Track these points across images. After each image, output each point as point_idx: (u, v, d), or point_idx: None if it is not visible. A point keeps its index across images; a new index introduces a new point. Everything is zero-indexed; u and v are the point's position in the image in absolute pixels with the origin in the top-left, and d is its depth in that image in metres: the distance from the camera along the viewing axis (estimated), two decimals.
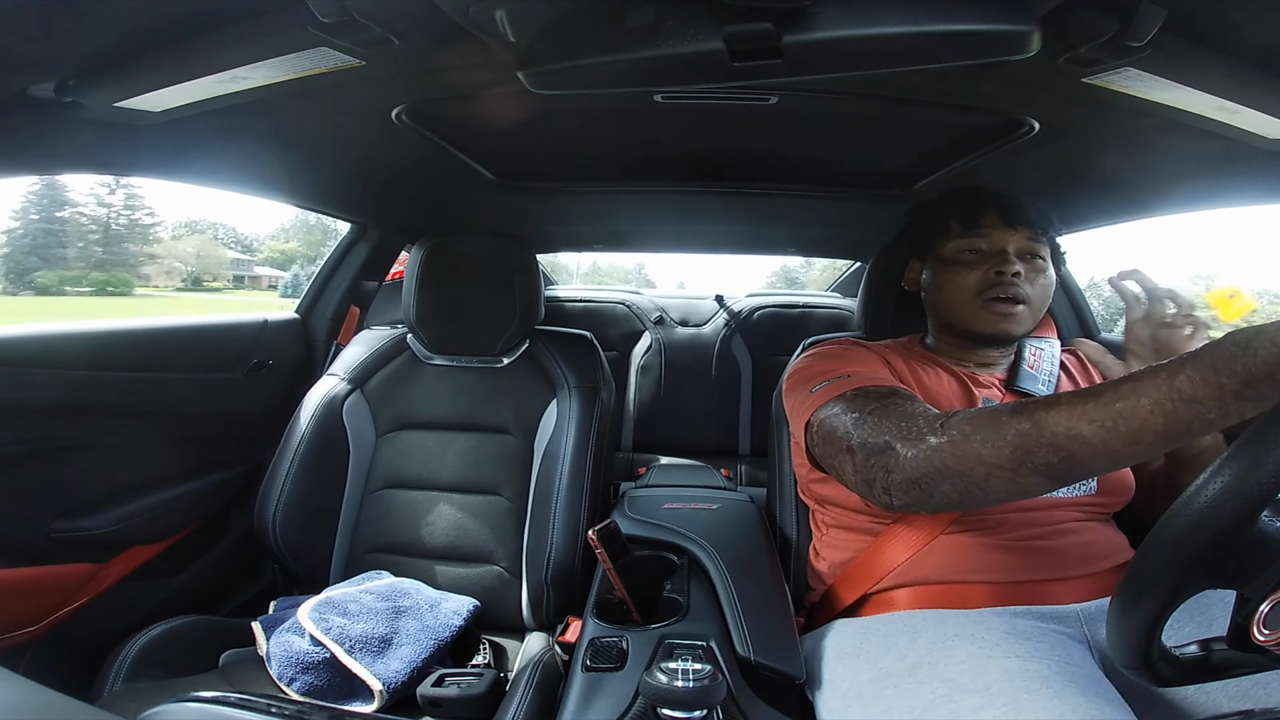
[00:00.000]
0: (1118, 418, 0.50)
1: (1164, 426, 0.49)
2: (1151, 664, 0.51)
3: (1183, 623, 0.68)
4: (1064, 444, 0.52)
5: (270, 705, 0.36)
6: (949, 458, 0.58)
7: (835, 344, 0.94)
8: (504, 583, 1.12)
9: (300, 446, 1.15)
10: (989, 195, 0.89)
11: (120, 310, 6.82)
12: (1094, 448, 0.51)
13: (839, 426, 0.71)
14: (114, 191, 14.89)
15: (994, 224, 0.86)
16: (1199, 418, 0.47)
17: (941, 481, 0.59)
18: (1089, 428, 0.51)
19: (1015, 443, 0.54)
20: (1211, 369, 0.46)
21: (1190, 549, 0.44)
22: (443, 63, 0.73)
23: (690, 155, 1.22)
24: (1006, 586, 0.76)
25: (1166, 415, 0.48)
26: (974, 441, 0.57)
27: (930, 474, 0.60)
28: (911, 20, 0.53)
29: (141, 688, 0.83)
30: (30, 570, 0.96)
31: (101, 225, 14.80)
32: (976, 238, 0.87)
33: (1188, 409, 0.47)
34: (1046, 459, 0.53)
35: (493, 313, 1.21)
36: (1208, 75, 0.63)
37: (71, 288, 14.44)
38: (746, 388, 2.16)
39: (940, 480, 0.59)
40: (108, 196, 15.26)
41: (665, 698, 0.54)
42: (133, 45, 0.67)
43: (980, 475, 0.57)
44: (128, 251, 15.34)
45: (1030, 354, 0.91)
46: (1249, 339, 0.45)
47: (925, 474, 0.60)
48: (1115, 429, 0.50)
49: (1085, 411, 0.51)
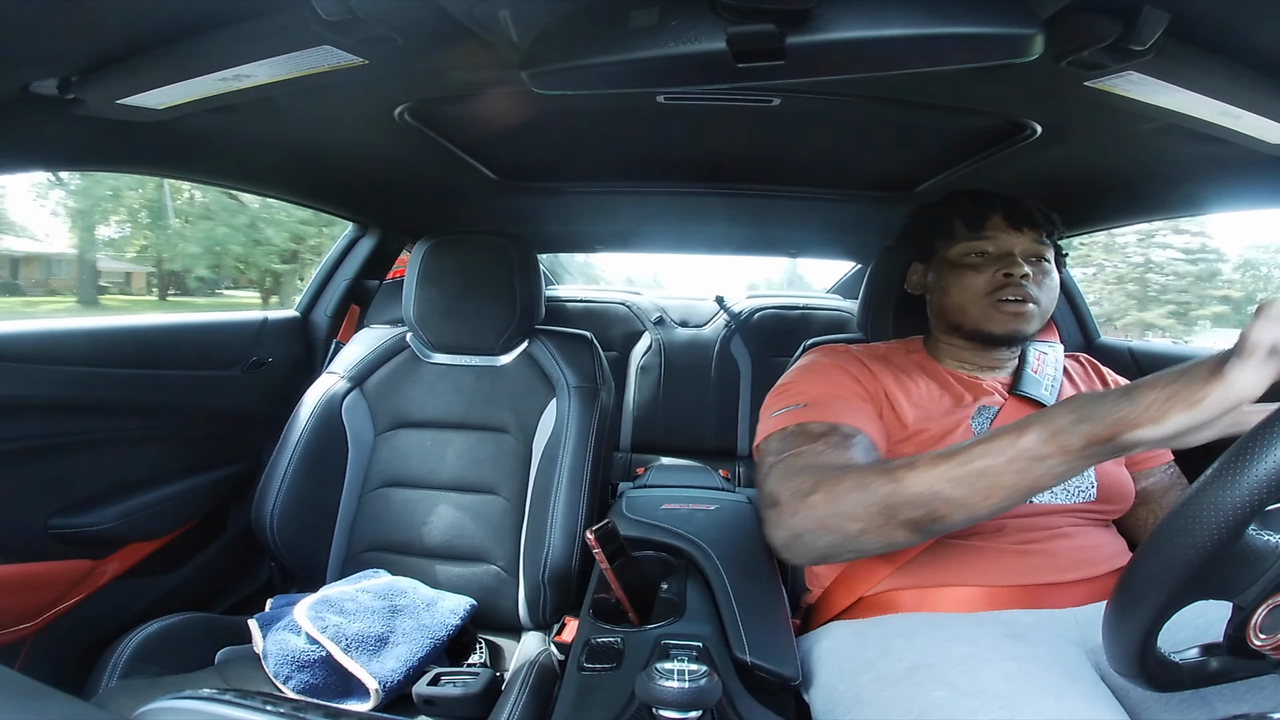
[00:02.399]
0: (974, 476, 0.54)
1: (1015, 483, 0.53)
2: (1148, 671, 0.51)
3: (1180, 626, 0.67)
4: (926, 502, 0.56)
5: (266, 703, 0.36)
6: (824, 517, 0.62)
7: (828, 351, 0.93)
8: (501, 582, 1.12)
9: (299, 444, 1.15)
10: (994, 198, 0.89)
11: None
12: (954, 503, 0.55)
13: (763, 464, 0.75)
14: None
15: (1000, 226, 0.86)
16: (1048, 472, 0.51)
17: (817, 539, 0.64)
18: (947, 486, 0.55)
19: (882, 501, 0.58)
20: (1051, 433, 0.51)
21: (1179, 565, 0.45)
22: (446, 62, 0.73)
23: (693, 156, 1.22)
24: (1003, 590, 0.76)
25: (1017, 473, 0.52)
26: (845, 502, 0.61)
27: (805, 532, 0.64)
28: (914, 23, 0.53)
29: (137, 685, 0.83)
30: (27, 566, 0.96)
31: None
32: (983, 240, 0.87)
33: (1036, 466, 0.52)
34: (911, 515, 0.57)
35: (493, 312, 1.21)
36: (1211, 79, 0.63)
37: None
38: (746, 389, 2.16)
39: (815, 538, 0.64)
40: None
41: (661, 698, 0.54)
42: (136, 43, 0.67)
43: (853, 532, 0.61)
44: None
45: (1034, 358, 0.91)
46: (1088, 406, 0.49)
47: (802, 531, 0.65)
48: (973, 486, 0.54)
49: (945, 472, 0.56)
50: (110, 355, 1.09)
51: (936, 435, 0.81)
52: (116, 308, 9.65)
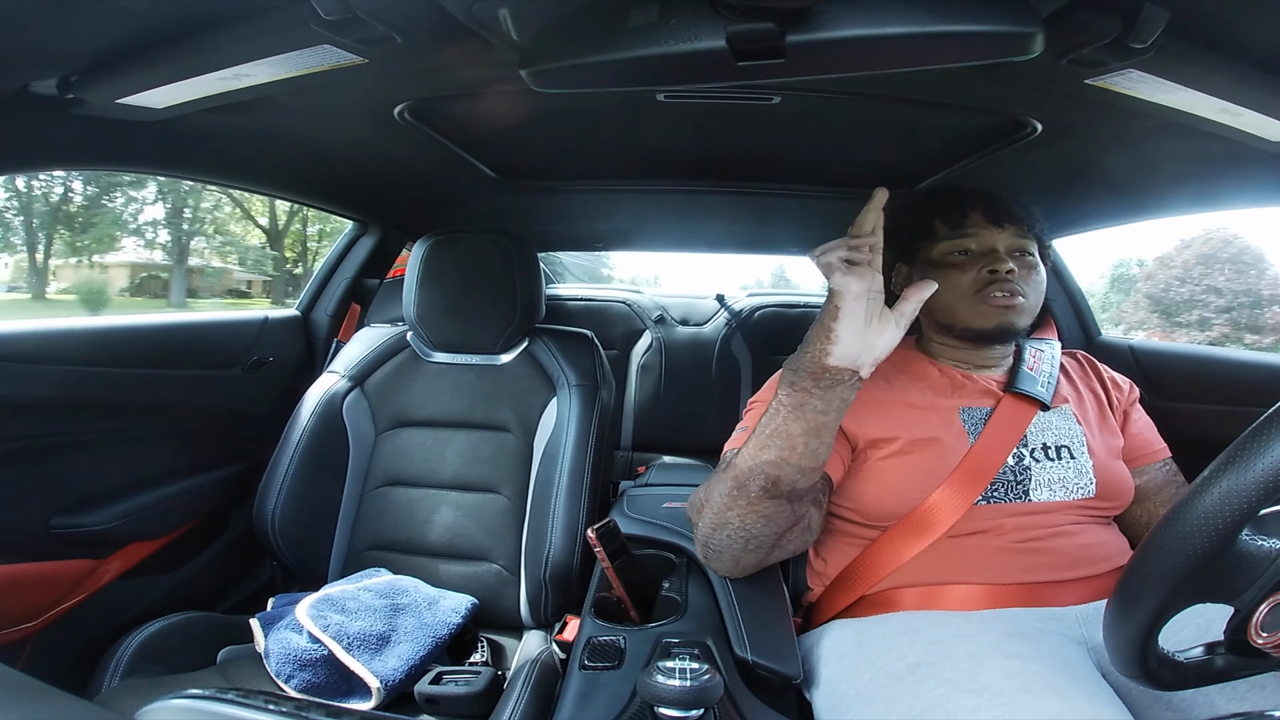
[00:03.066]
0: (774, 436, 0.67)
1: (803, 429, 0.66)
2: (1150, 671, 0.51)
3: (1181, 625, 0.68)
4: (759, 468, 0.68)
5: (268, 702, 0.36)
6: (711, 517, 0.74)
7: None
8: (502, 581, 1.12)
9: (300, 444, 1.15)
10: (971, 195, 0.89)
11: None
12: (775, 464, 0.67)
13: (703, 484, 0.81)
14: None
15: (980, 223, 0.86)
16: (816, 412, 0.65)
17: (718, 538, 0.75)
18: (764, 453, 0.67)
19: (733, 484, 0.70)
20: (789, 384, 0.66)
21: (1172, 572, 0.45)
22: (445, 61, 0.73)
23: (693, 154, 1.22)
24: (1004, 588, 0.76)
25: (796, 420, 0.66)
26: (715, 500, 0.73)
27: (708, 537, 0.76)
28: (915, 21, 0.53)
29: (139, 684, 0.83)
30: (29, 566, 0.96)
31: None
32: (965, 238, 0.86)
33: (801, 410, 0.65)
34: (758, 484, 0.69)
35: (493, 311, 1.21)
36: (1211, 77, 0.63)
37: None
38: (747, 387, 2.16)
39: (717, 538, 0.75)
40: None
41: (662, 697, 0.54)
42: (135, 42, 0.67)
43: (735, 518, 0.72)
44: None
45: (1030, 355, 0.91)
46: (796, 360, 0.66)
47: (706, 538, 0.77)
48: (778, 445, 0.67)
49: (754, 443, 0.68)
50: (111, 355, 1.09)
51: (926, 430, 0.81)
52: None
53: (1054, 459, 0.81)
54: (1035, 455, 0.81)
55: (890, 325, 0.64)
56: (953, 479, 0.79)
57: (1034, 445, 0.82)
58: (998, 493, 0.79)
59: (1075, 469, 0.81)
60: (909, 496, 0.80)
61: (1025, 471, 0.80)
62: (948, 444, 0.81)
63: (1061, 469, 0.81)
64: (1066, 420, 0.85)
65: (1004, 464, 0.80)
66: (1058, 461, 0.81)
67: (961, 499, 0.78)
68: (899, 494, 0.80)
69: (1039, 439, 0.83)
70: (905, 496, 0.80)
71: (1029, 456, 0.81)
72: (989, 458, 0.80)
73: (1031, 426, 0.83)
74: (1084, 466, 0.82)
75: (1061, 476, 0.80)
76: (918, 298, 0.65)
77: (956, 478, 0.79)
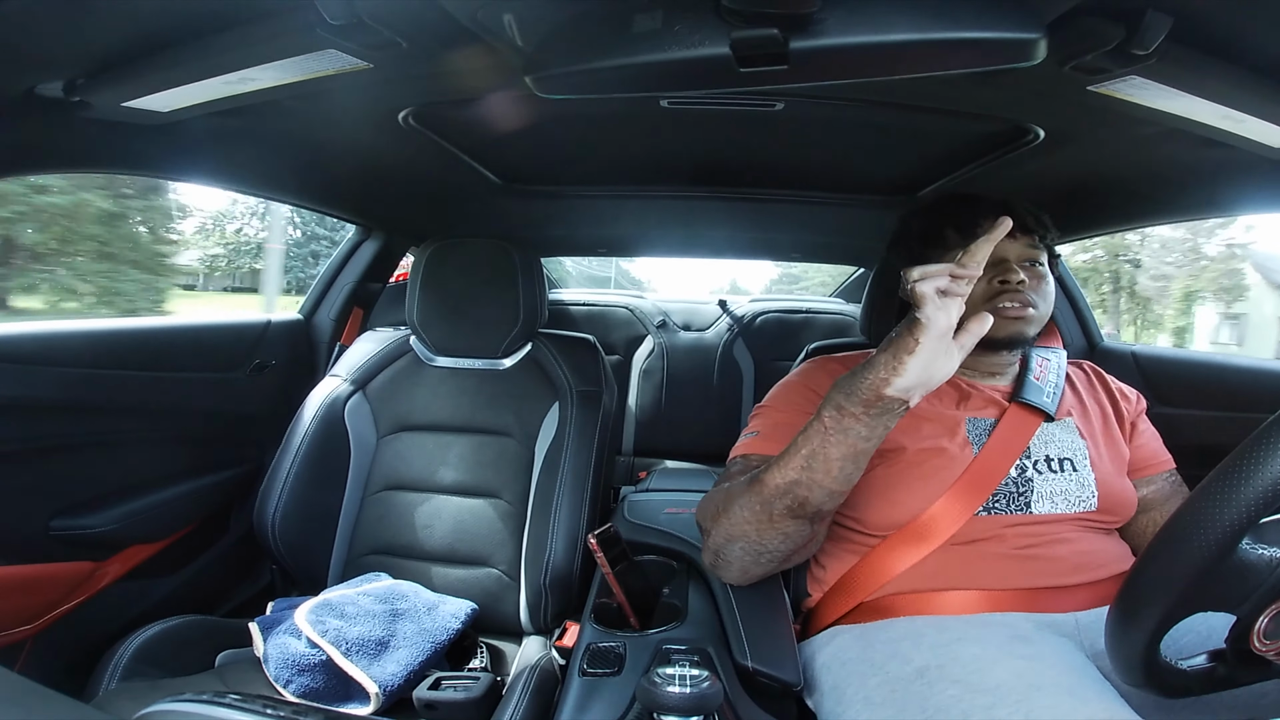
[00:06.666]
0: (810, 458, 0.65)
1: (841, 454, 0.64)
2: (1153, 679, 0.51)
3: (1184, 633, 0.67)
4: (788, 489, 0.67)
5: (266, 707, 0.36)
6: (728, 529, 0.73)
7: (816, 365, 0.93)
8: (502, 586, 1.12)
9: (301, 447, 1.15)
10: (985, 203, 0.88)
11: None
12: (806, 485, 0.66)
13: (714, 489, 0.81)
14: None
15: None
16: (859, 438, 0.63)
17: (731, 550, 0.74)
18: (796, 474, 0.66)
19: (758, 501, 0.69)
20: (837, 409, 0.63)
21: (1174, 582, 0.45)
22: (450, 66, 0.73)
23: (696, 160, 1.22)
24: (1003, 594, 0.75)
25: (834, 445, 0.64)
26: (735, 512, 0.72)
27: (721, 547, 0.75)
28: (918, 27, 0.53)
29: (137, 687, 0.83)
30: (28, 568, 0.96)
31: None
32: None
33: (843, 435, 0.63)
34: (784, 504, 0.68)
35: (496, 316, 1.21)
36: (1214, 84, 0.63)
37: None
38: (749, 393, 2.16)
39: (729, 549, 0.74)
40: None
41: (662, 703, 0.54)
42: (141, 45, 0.68)
43: (753, 533, 0.71)
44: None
45: (1037, 365, 0.90)
46: (851, 383, 0.62)
47: (719, 547, 0.75)
48: (811, 467, 0.65)
49: (789, 463, 0.67)
50: (113, 357, 1.09)
51: (931, 440, 0.81)
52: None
53: (1056, 471, 0.81)
54: (1038, 467, 0.81)
55: (953, 357, 0.60)
56: (955, 489, 0.78)
57: (1037, 457, 0.82)
58: (999, 504, 0.78)
59: (1077, 481, 0.81)
60: (911, 506, 0.79)
61: (1027, 483, 0.80)
62: (952, 454, 0.80)
63: (1064, 481, 0.80)
64: (1069, 432, 0.85)
65: (1006, 475, 0.79)
66: (1060, 474, 0.81)
67: (963, 509, 0.77)
68: (901, 504, 0.80)
69: (1042, 450, 0.82)
70: (907, 506, 0.79)
71: (1031, 468, 0.81)
72: (992, 469, 0.79)
73: (1035, 438, 0.83)
74: (1086, 479, 0.81)
75: (1063, 489, 0.80)
76: (977, 329, 0.61)
77: (959, 488, 0.78)
